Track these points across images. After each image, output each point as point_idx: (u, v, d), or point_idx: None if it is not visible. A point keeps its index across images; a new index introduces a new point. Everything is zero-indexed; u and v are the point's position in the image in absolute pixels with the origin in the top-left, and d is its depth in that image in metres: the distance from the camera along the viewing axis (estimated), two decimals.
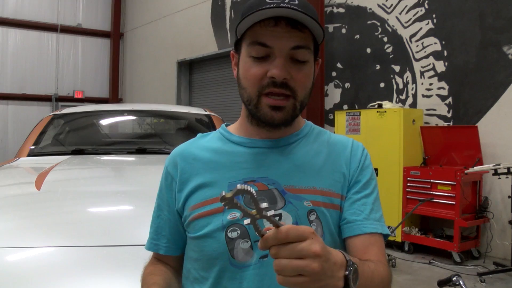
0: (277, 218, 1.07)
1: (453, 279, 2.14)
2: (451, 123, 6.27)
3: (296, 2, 1.06)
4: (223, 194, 0.77)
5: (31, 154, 3.56)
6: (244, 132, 1.21)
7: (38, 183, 2.55)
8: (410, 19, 6.79)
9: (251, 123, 1.18)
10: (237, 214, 1.09)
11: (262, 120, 1.11)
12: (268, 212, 0.79)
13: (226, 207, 0.78)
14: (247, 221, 0.81)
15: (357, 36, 7.58)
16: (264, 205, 0.79)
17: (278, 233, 0.79)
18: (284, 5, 1.04)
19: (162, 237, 1.23)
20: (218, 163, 1.17)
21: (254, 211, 0.78)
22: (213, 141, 1.23)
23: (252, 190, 0.77)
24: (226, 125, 1.27)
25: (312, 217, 1.09)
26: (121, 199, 2.54)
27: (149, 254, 1.30)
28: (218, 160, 1.18)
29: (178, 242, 1.23)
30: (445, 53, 6.35)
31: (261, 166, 1.15)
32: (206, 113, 4.23)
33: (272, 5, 1.04)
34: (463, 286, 2.10)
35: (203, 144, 1.23)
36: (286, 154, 1.17)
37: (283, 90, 1.08)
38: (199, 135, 1.28)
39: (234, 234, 1.08)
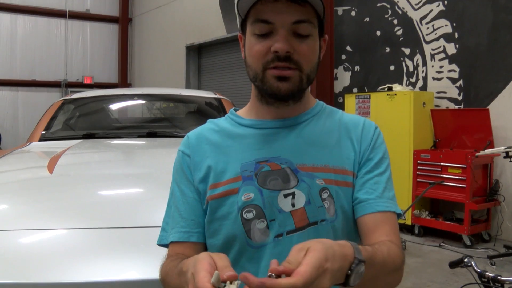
0: (290, 197, 1.09)
1: (465, 260, 2.15)
2: (461, 106, 6.22)
3: None
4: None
5: (43, 138, 3.59)
6: (254, 114, 1.21)
7: (51, 167, 2.57)
8: (421, 1, 6.70)
9: (261, 102, 1.18)
10: (251, 194, 1.09)
11: (269, 92, 1.11)
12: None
13: None
14: None
15: (367, 19, 7.50)
16: None
17: None
18: None
19: (191, 222, 1.15)
20: (229, 146, 1.18)
21: None
22: (224, 126, 1.23)
23: None
24: (235, 110, 1.28)
25: (325, 195, 1.10)
26: (133, 181, 2.57)
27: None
28: (229, 143, 1.18)
29: (204, 226, 1.16)
30: (456, 35, 6.27)
31: (272, 146, 1.15)
32: (216, 96, 4.22)
33: None
34: (475, 268, 2.11)
35: (213, 128, 1.24)
36: (297, 132, 1.17)
37: (287, 63, 1.08)
38: (209, 120, 1.28)
39: (249, 215, 1.08)
